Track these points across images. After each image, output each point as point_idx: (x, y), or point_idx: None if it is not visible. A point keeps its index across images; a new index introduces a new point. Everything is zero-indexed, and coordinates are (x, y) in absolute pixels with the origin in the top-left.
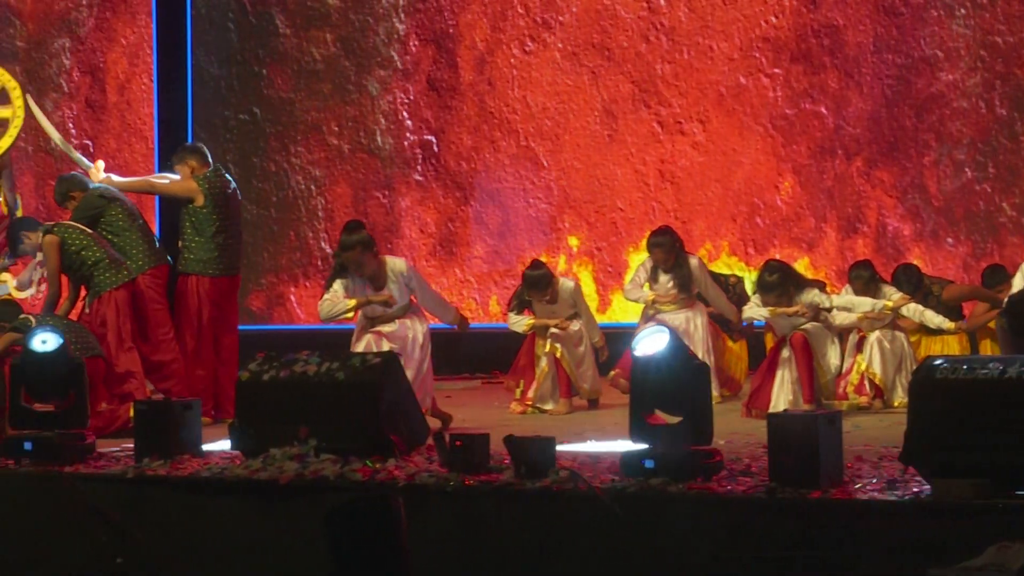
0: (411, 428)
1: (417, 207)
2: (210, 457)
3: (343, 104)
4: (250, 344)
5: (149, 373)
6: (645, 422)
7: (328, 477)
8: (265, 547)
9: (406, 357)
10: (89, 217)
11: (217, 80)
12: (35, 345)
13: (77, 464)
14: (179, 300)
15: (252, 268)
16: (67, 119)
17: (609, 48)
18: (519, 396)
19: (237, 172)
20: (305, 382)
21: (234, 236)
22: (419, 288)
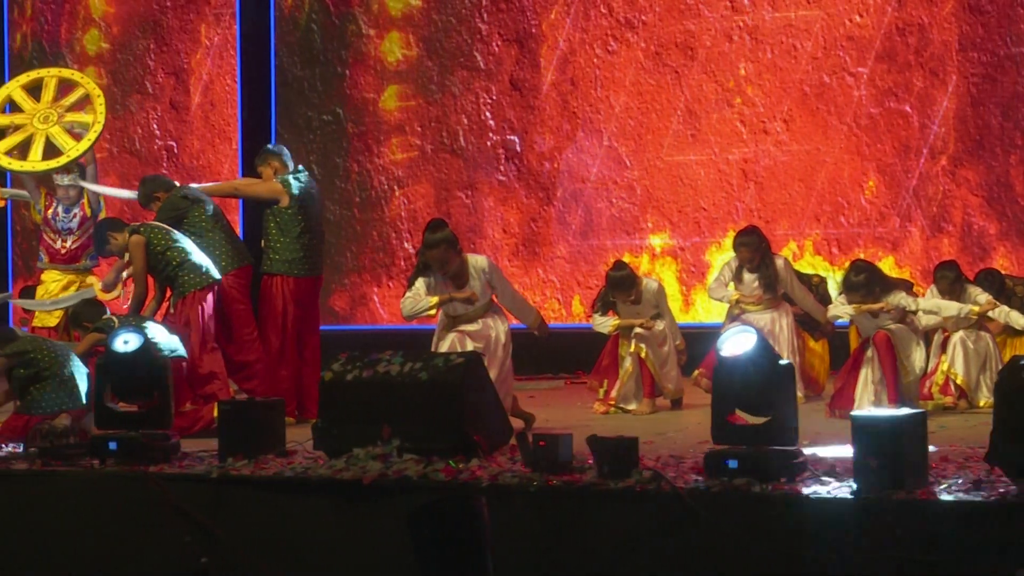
0: (494, 428)
1: (500, 207)
2: (294, 457)
3: (426, 104)
4: (333, 344)
5: (233, 373)
6: (728, 422)
7: (411, 477)
8: (348, 547)
9: (489, 356)
10: (173, 218)
11: (300, 81)
12: (117, 346)
13: (161, 464)
14: (263, 301)
15: (335, 268)
16: (151, 120)
17: (692, 47)
18: (602, 396)
19: (320, 172)
20: (388, 382)
21: (317, 237)
22: (500, 286)
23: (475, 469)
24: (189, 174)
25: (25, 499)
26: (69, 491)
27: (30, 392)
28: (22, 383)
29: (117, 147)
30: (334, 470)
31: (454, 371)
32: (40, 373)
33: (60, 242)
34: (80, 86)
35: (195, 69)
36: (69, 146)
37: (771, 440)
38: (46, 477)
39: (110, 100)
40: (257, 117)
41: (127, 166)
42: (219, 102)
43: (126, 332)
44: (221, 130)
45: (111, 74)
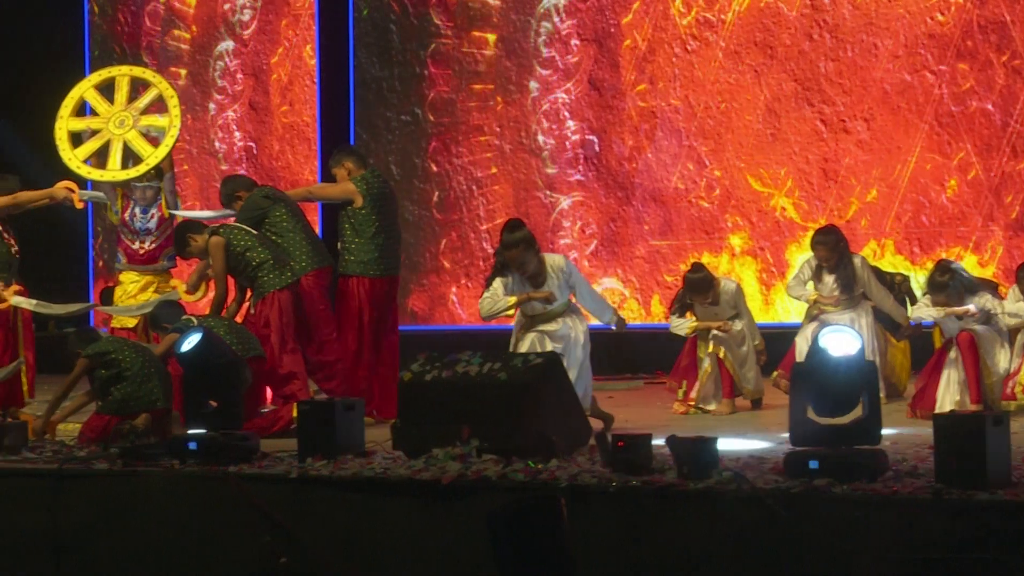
0: (573, 428)
1: (578, 207)
2: (373, 457)
3: (504, 104)
4: (412, 344)
5: (312, 373)
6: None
7: (490, 478)
8: (427, 547)
9: (567, 356)
10: (254, 218)
11: (379, 81)
12: (183, 346)
13: (241, 464)
14: (340, 302)
15: (413, 268)
16: (230, 122)
17: (772, 46)
18: (682, 396)
19: (398, 173)
20: (467, 382)
21: (393, 237)
22: (578, 285)
23: (554, 470)
24: (268, 175)
25: (106, 500)
26: (149, 491)
27: (111, 392)
28: (103, 384)
29: (197, 148)
30: (413, 470)
31: (533, 371)
32: (121, 374)
33: (138, 243)
34: (153, 86)
35: (274, 70)
36: (147, 152)
37: (853, 441)
38: (127, 477)
39: (189, 101)
40: (335, 118)
41: (207, 167)
42: (298, 102)
43: (190, 332)
44: (300, 131)
45: (191, 75)
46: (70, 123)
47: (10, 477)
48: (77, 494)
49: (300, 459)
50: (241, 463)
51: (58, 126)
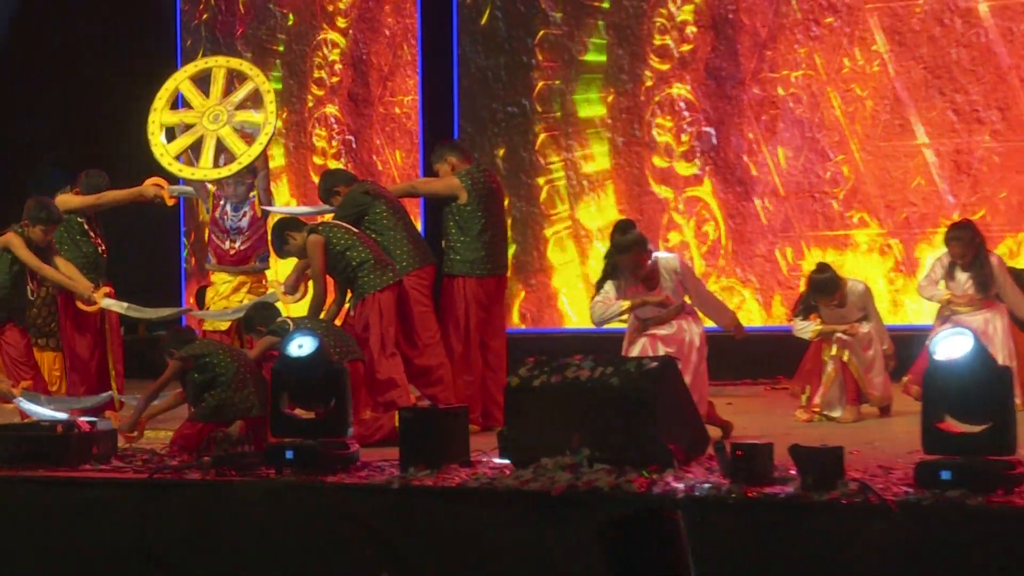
0: (690, 437)
1: (695, 203)
2: (478, 467)
3: (617, 95)
4: (519, 348)
5: (415, 379)
6: (940, 430)
7: (602, 489)
8: (536, 561)
9: (683, 361)
10: (353, 215)
11: (484, 71)
12: (291, 350)
13: (340, 474)
14: (444, 303)
15: (521, 268)
16: (329, 115)
17: (900, 32)
18: (805, 402)
19: (505, 167)
20: (578, 388)
21: (500, 234)
22: (693, 287)
23: (670, 480)
24: (368, 170)
25: (199, 510)
26: (244, 502)
27: (204, 399)
28: (196, 388)
29: (293, 142)
30: (521, 480)
31: (647, 376)
32: (215, 379)
33: (228, 243)
34: (249, 79)
35: (374, 60)
36: (240, 150)
37: (987, 450)
38: (220, 487)
39: (285, 93)
40: (438, 110)
41: (303, 162)
42: (399, 93)
43: (300, 335)
44: (401, 123)
45: (287, 66)
46: (163, 116)
47: (99, 487)
48: (169, 505)
49: (402, 469)
50: (340, 473)
51: (151, 119)
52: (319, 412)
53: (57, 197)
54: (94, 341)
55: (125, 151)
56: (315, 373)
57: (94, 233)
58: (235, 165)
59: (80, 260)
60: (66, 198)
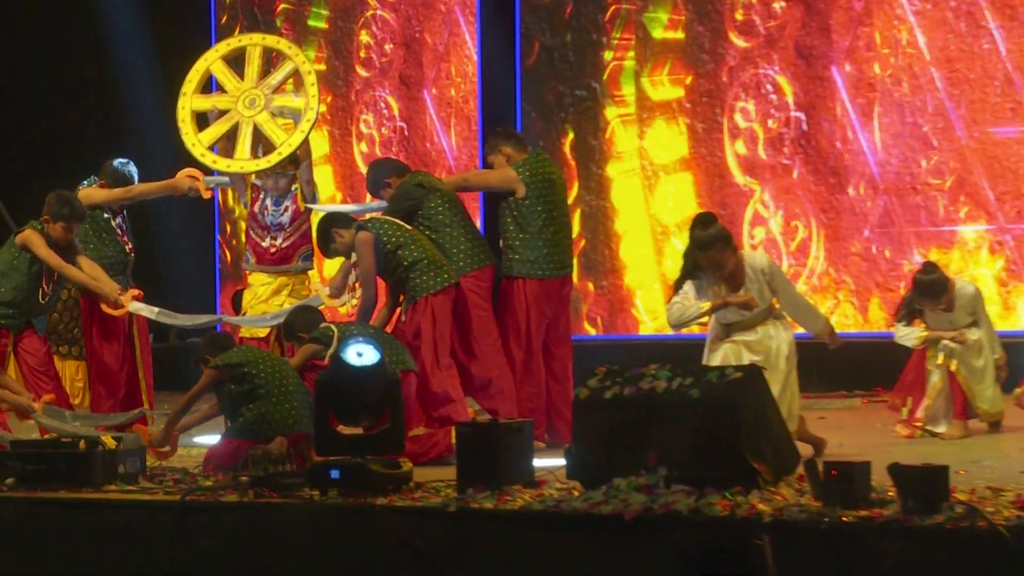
0: (778, 454)
1: (783, 195)
2: (544, 488)
3: (697, 77)
4: (588, 356)
5: (473, 391)
6: None
7: (681, 512)
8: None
9: (770, 370)
10: (405, 209)
11: (549, 51)
12: (350, 358)
13: (391, 496)
14: (503, 308)
15: (590, 268)
16: (378, 99)
17: (1012, 5)
18: (906, 416)
19: (573, 156)
20: (653, 400)
21: (563, 230)
22: (782, 289)
23: (756, 502)
24: (421, 159)
25: (236, 535)
26: (285, 526)
27: (242, 413)
28: (233, 401)
29: (339, 129)
30: (591, 503)
31: (731, 387)
32: (254, 391)
33: (268, 240)
34: (288, 59)
35: (428, 40)
36: (280, 139)
37: None
38: (259, 510)
39: (330, 75)
40: (499, 93)
41: (350, 151)
42: (456, 76)
43: (359, 343)
44: (458, 108)
45: (331, 45)
46: (195, 101)
47: (126, 509)
48: (202, 529)
49: (459, 490)
50: (391, 494)
51: (181, 104)
52: (368, 428)
53: (80, 190)
54: (122, 350)
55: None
56: (366, 384)
57: (121, 230)
58: (275, 156)
59: (106, 260)
60: (90, 191)
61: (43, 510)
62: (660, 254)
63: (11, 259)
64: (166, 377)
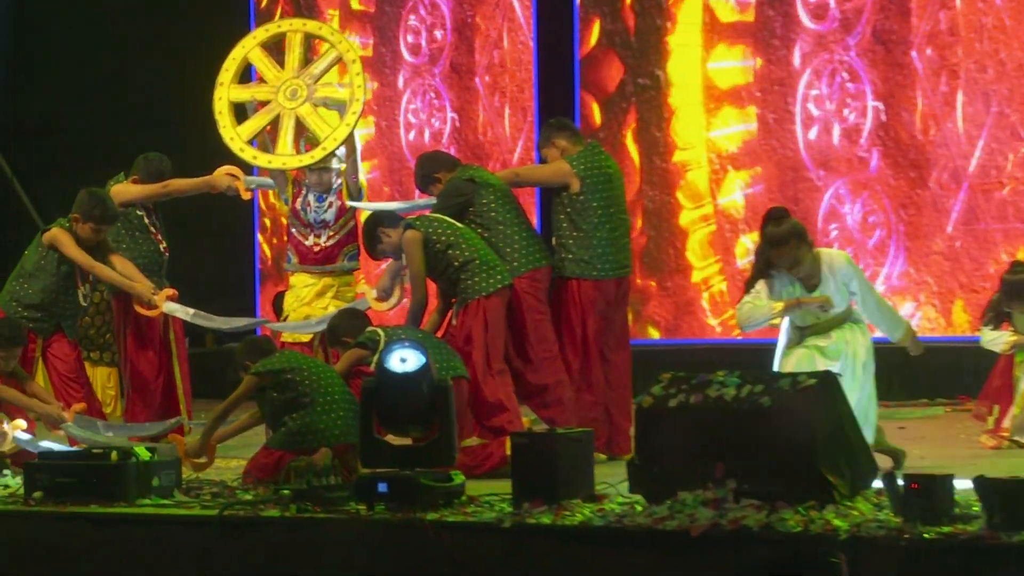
0: (855, 467)
1: (860, 189)
2: (604, 502)
3: (767, 63)
4: (651, 362)
5: (529, 399)
6: None
7: (751, 528)
8: None
9: (846, 377)
10: (456, 205)
11: (610, 36)
12: (393, 364)
13: (442, 510)
14: (557, 310)
15: (653, 267)
16: (427, 88)
17: None
18: (992, 426)
19: (636, 148)
20: (722, 409)
21: (621, 228)
22: (861, 291)
23: (831, 518)
24: (474, 152)
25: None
26: (330, 542)
27: (284, 422)
28: (275, 410)
29: (386, 120)
30: (654, 518)
31: (804, 395)
32: (298, 399)
33: (312, 238)
34: (331, 46)
35: (481, 24)
36: (324, 132)
37: None
38: (302, 525)
39: (376, 62)
40: (557, 81)
41: (398, 144)
42: (511, 64)
43: (403, 348)
44: (513, 97)
45: (378, 30)
46: (232, 92)
47: (160, 525)
48: (241, 546)
49: (515, 504)
50: (442, 509)
51: (217, 95)
52: (417, 438)
53: (112, 187)
54: (158, 356)
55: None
56: (415, 392)
57: (154, 228)
58: (319, 151)
59: (139, 260)
60: (123, 188)
61: (73, 526)
62: (728, 252)
63: (38, 259)
64: (203, 384)
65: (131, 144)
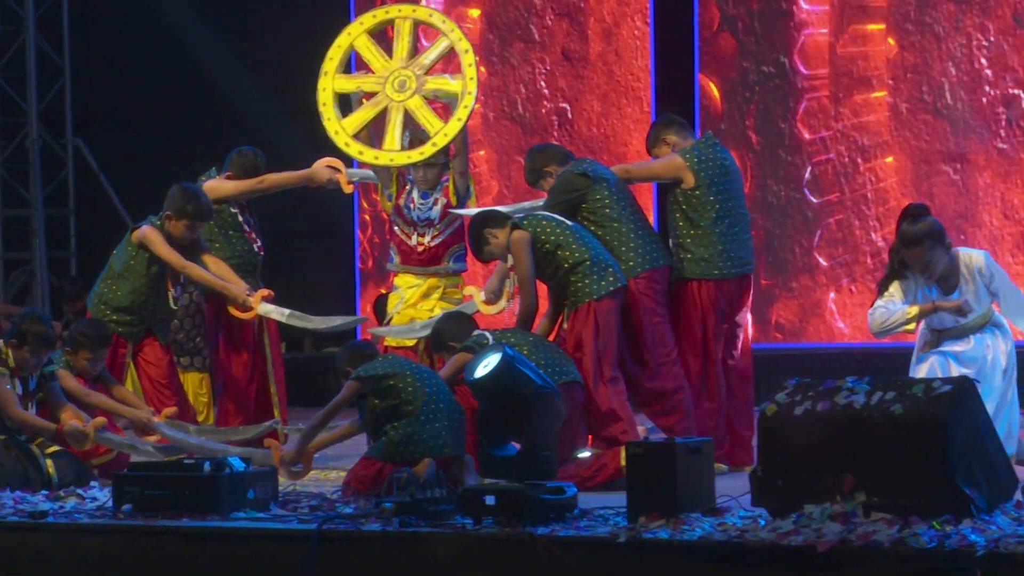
0: (993, 479)
1: (999, 183)
2: (725, 515)
3: (900, 49)
4: (775, 367)
5: (646, 406)
6: None
7: (882, 543)
8: None
9: (983, 384)
10: (568, 201)
11: (732, 21)
12: (477, 371)
13: (553, 524)
14: (675, 313)
15: (777, 267)
16: (538, 76)
17: None
18: None
19: (758, 141)
20: (850, 417)
21: (740, 223)
22: (1003, 292)
23: (967, 533)
24: (586, 145)
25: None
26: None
27: (386, 431)
28: (376, 418)
29: (493, 112)
30: (779, 533)
31: (939, 403)
32: (400, 407)
33: (416, 237)
34: (442, 35)
35: (595, 9)
36: (435, 127)
37: None
38: (405, 540)
39: (485, 50)
40: (675, 70)
41: (506, 135)
42: (626, 51)
43: (486, 353)
44: (628, 87)
45: (485, 16)
46: (337, 82)
47: (256, 539)
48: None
49: (630, 518)
50: (553, 523)
51: (321, 86)
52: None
53: (204, 183)
54: (251, 359)
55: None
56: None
57: (248, 226)
58: (428, 147)
59: (233, 260)
60: (216, 184)
61: (163, 541)
62: (858, 251)
63: (127, 259)
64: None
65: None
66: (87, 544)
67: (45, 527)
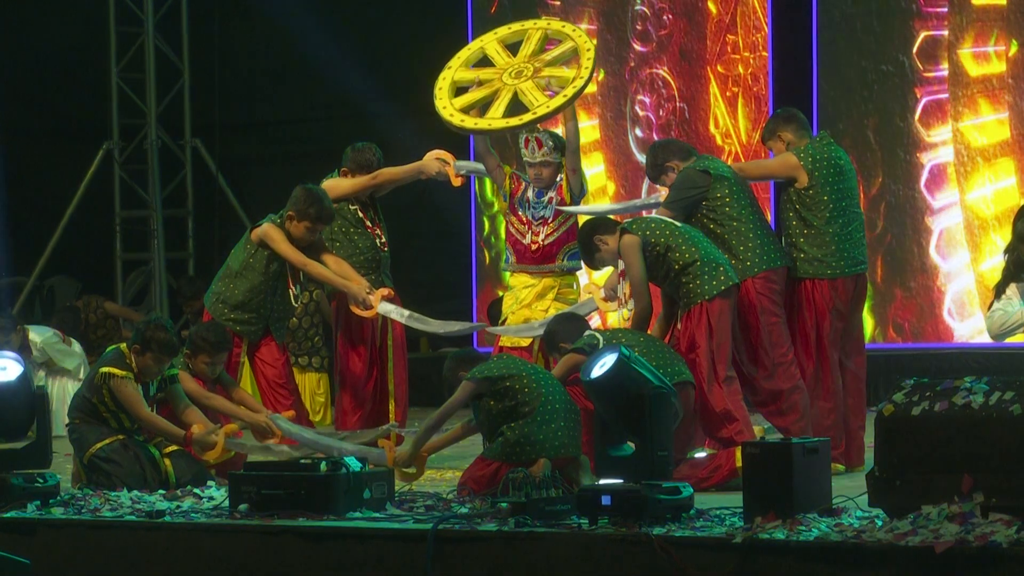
0: None
1: None
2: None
3: (1021, 47)
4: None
5: (762, 405)
6: None
7: (1001, 544)
8: None
9: None
10: (689, 199)
11: (851, 19)
12: (593, 371)
13: (669, 525)
14: (789, 313)
15: (895, 267)
16: (655, 77)
17: None
18: None
19: (876, 141)
20: (969, 417)
21: (854, 222)
22: None
23: None
24: (703, 144)
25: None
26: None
27: (502, 432)
28: (492, 419)
29: (611, 112)
30: (896, 534)
31: None
32: (516, 408)
33: (530, 235)
34: (570, 39)
35: (712, 8)
36: (539, 102)
37: None
38: (521, 540)
39: (603, 51)
40: (793, 69)
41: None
42: (744, 49)
43: (602, 353)
44: (746, 86)
45: (603, 16)
46: (458, 73)
47: (372, 540)
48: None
49: (746, 519)
50: (669, 523)
51: (443, 76)
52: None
53: (324, 182)
54: (371, 357)
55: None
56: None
57: (371, 222)
58: (528, 115)
59: (356, 257)
60: (333, 183)
61: (280, 540)
62: (978, 251)
63: (246, 257)
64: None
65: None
66: (204, 544)
67: (162, 527)
